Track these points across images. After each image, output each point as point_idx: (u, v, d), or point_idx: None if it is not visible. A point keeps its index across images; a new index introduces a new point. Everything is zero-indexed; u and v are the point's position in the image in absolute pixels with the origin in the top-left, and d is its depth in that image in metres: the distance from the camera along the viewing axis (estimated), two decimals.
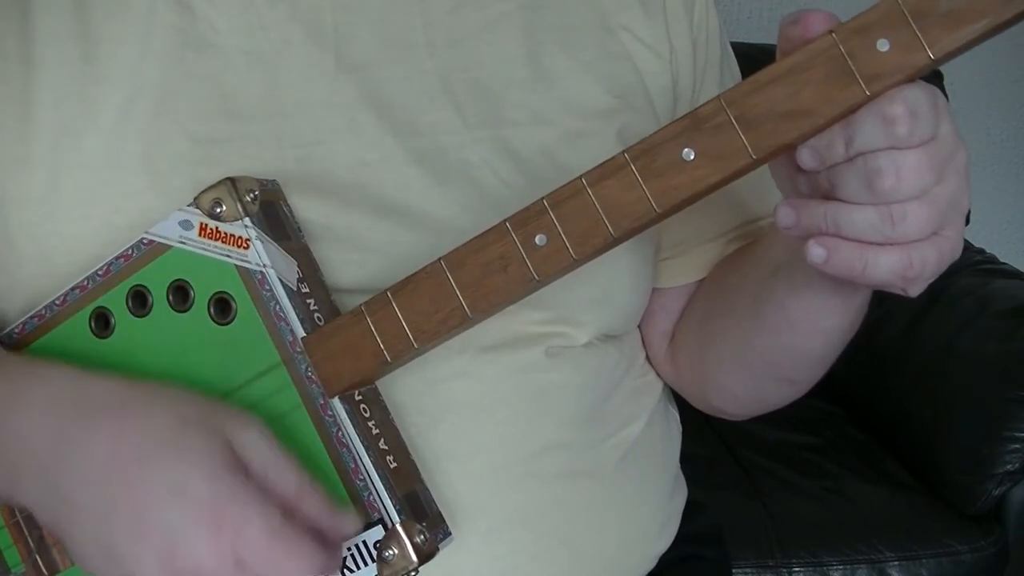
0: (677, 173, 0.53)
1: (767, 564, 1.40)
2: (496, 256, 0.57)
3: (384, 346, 0.59)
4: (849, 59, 0.50)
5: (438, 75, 0.69)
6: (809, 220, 0.55)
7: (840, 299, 0.64)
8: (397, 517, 0.59)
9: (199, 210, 0.61)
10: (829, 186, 0.54)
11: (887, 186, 0.51)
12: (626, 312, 0.75)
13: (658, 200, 0.54)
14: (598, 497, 0.72)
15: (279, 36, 0.67)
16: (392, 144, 0.67)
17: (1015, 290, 1.61)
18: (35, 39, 0.65)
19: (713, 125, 0.53)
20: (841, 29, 0.50)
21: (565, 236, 0.55)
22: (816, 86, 0.51)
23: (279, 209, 0.63)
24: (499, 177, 0.68)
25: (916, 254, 0.53)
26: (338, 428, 0.60)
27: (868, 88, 0.50)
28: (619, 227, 0.55)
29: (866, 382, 1.57)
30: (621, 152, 0.55)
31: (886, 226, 0.52)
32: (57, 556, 0.65)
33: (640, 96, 0.74)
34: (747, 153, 0.52)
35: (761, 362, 0.74)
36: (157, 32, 0.66)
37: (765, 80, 0.52)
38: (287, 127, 0.66)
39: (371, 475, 0.59)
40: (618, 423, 0.74)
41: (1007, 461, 1.45)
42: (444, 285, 0.58)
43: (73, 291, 0.64)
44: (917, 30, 0.49)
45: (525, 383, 0.69)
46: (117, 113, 0.65)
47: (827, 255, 0.54)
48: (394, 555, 0.59)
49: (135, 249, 0.63)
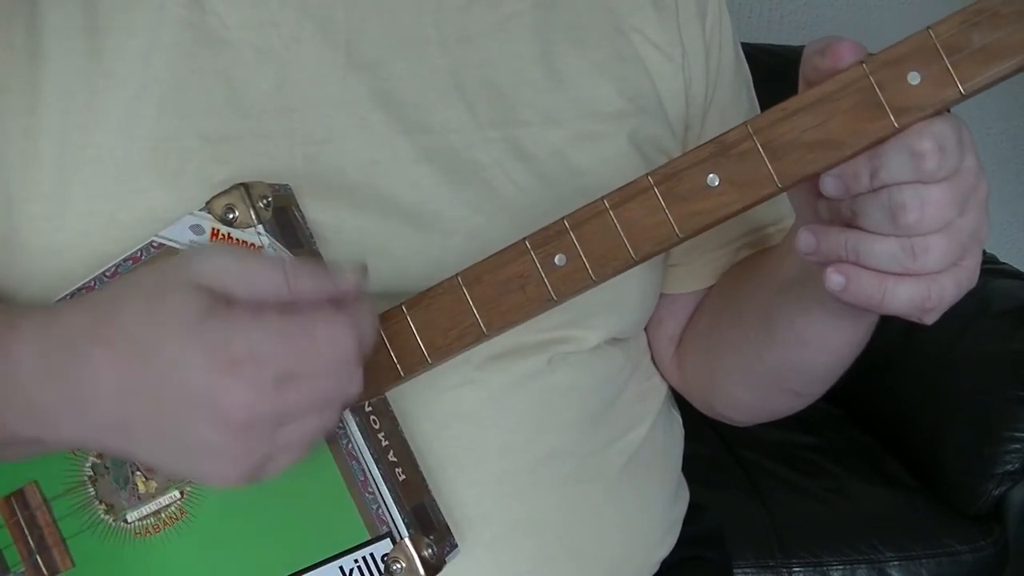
0: (701, 199, 0.53)
1: (767, 564, 1.40)
2: (515, 275, 0.56)
3: (398, 361, 0.59)
4: (879, 90, 0.50)
5: (449, 73, 0.68)
6: (829, 247, 0.55)
7: (850, 320, 0.65)
8: (406, 531, 0.59)
9: (211, 215, 0.60)
10: (851, 214, 0.54)
11: (911, 220, 0.51)
12: (634, 316, 0.75)
13: (681, 225, 0.54)
14: (602, 503, 0.72)
15: (289, 32, 0.66)
16: (402, 143, 0.66)
17: (1015, 290, 1.62)
18: (43, 32, 0.65)
19: (739, 152, 0.52)
20: (872, 60, 0.50)
21: (585, 257, 0.55)
22: (844, 116, 0.50)
23: (291, 216, 0.63)
24: (510, 177, 0.68)
25: (935, 286, 0.53)
26: (348, 440, 0.59)
27: (898, 121, 0.50)
28: (640, 250, 0.55)
29: (867, 382, 1.57)
30: (645, 175, 0.54)
31: (907, 258, 0.52)
32: (57, 556, 0.65)
33: (651, 99, 0.73)
34: (773, 182, 0.52)
35: (769, 375, 0.74)
36: (166, 27, 0.65)
37: (793, 108, 0.51)
38: (297, 125, 0.65)
39: (380, 488, 0.59)
40: (623, 427, 0.74)
41: (1007, 461, 1.45)
42: (460, 302, 0.57)
43: (80, 291, 0.63)
44: (950, 65, 0.48)
45: (531, 390, 0.68)
46: (125, 108, 0.64)
47: (846, 283, 0.54)
48: (402, 568, 0.59)
49: (144, 251, 0.62)
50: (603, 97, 0.71)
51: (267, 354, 0.51)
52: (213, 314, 0.51)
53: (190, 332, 0.51)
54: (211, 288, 0.52)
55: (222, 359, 0.51)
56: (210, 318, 0.51)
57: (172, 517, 0.63)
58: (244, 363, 0.51)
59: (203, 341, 0.51)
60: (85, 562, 0.65)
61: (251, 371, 0.51)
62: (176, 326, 0.51)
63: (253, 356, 0.51)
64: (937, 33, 0.49)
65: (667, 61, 0.74)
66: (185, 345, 0.51)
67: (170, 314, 0.52)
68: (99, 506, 0.64)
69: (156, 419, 0.53)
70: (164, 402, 0.52)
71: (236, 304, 0.52)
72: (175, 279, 0.53)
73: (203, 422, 0.51)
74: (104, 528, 0.64)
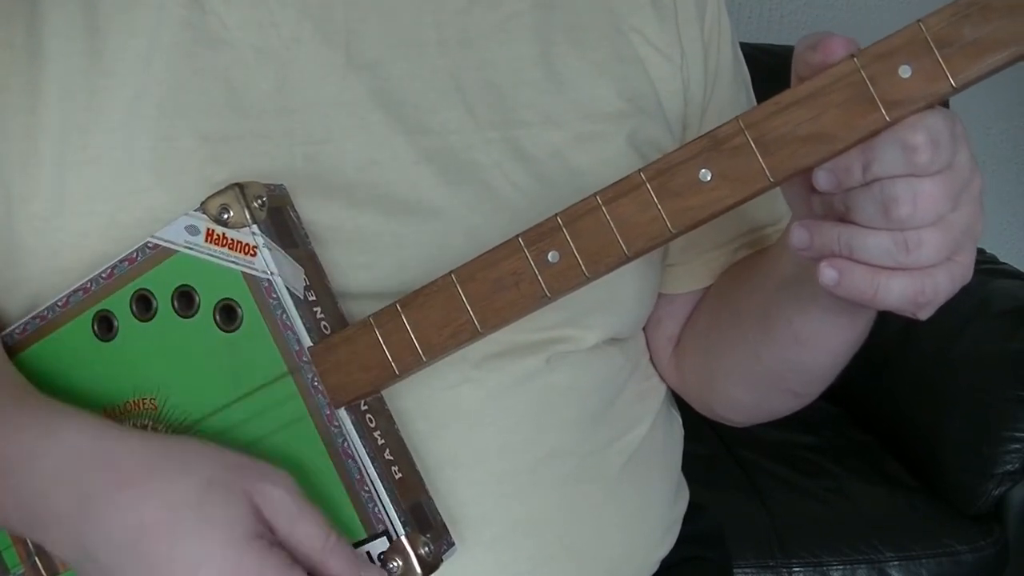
0: (694, 194, 0.53)
1: (767, 564, 1.40)
2: (508, 272, 0.56)
3: (392, 359, 0.58)
4: (870, 84, 0.49)
5: (449, 74, 0.68)
6: (822, 242, 0.55)
7: (847, 317, 0.64)
8: (402, 529, 0.59)
9: (206, 215, 0.60)
10: (844, 208, 0.54)
11: (903, 214, 0.51)
12: (632, 316, 0.75)
13: (673, 220, 0.54)
14: (602, 503, 0.72)
15: (289, 33, 0.66)
16: (402, 143, 0.66)
17: (1015, 290, 1.62)
18: (43, 32, 0.65)
19: (731, 147, 0.52)
20: (863, 54, 0.50)
21: (578, 254, 0.55)
22: (836, 111, 0.50)
23: (287, 215, 0.63)
24: (509, 178, 0.68)
25: (929, 280, 0.53)
26: (344, 439, 0.59)
27: (889, 114, 0.49)
28: (633, 246, 0.55)
29: (866, 382, 1.57)
30: (637, 171, 0.54)
31: (900, 252, 0.52)
32: (56, 558, 0.65)
33: (651, 100, 0.73)
34: (765, 176, 0.52)
35: (767, 374, 0.74)
36: (166, 27, 0.65)
37: (785, 103, 0.51)
38: (296, 125, 0.65)
39: (376, 487, 0.59)
40: (622, 427, 0.74)
41: (1007, 461, 1.45)
42: (454, 299, 0.57)
43: (76, 293, 0.64)
44: (941, 59, 0.48)
45: (529, 389, 0.68)
46: (125, 109, 0.64)
47: (839, 278, 0.54)
48: (398, 567, 0.59)
49: (140, 252, 0.62)
50: (603, 98, 0.71)
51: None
52: (255, 539, 0.54)
53: (228, 542, 0.53)
54: (261, 511, 0.55)
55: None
56: (251, 542, 0.54)
57: None
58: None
59: (236, 558, 0.53)
60: None
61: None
62: (220, 527, 0.54)
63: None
64: (928, 26, 0.49)
65: (666, 62, 0.74)
66: (216, 550, 0.53)
67: (218, 514, 0.54)
68: None
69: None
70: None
71: (276, 543, 0.55)
72: (238, 481, 0.55)
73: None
74: None
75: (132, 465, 0.56)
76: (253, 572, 0.53)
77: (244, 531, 0.54)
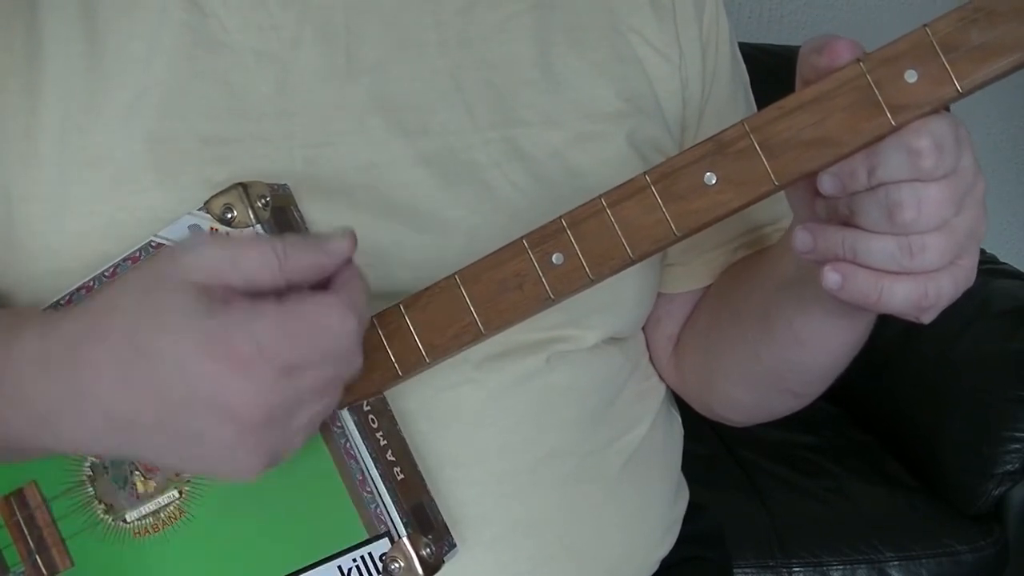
0: (698, 197, 0.53)
1: (767, 564, 1.40)
2: (512, 273, 0.56)
3: (396, 360, 0.58)
4: (876, 89, 0.49)
5: (449, 75, 0.68)
6: (826, 245, 0.55)
7: (848, 319, 0.65)
8: (404, 531, 0.59)
9: (209, 215, 0.60)
10: (848, 212, 0.54)
11: (908, 218, 0.51)
12: (632, 315, 0.75)
13: (678, 223, 0.54)
14: (602, 503, 0.72)
15: (289, 36, 0.66)
16: (401, 145, 0.66)
17: (1015, 290, 1.62)
18: (42, 34, 0.65)
19: (736, 150, 0.52)
20: (869, 58, 0.50)
21: (582, 256, 0.55)
22: (842, 115, 0.50)
23: (290, 215, 0.62)
24: (508, 178, 0.68)
25: (932, 284, 0.53)
26: (346, 439, 0.59)
27: (894, 119, 0.49)
28: (638, 249, 0.55)
29: (866, 382, 1.57)
30: (642, 174, 0.54)
31: (904, 257, 0.52)
32: (56, 556, 0.65)
33: (649, 100, 0.73)
34: (770, 180, 0.52)
35: (767, 374, 0.74)
36: (167, 29, 0.65)
37: (790, 107, 0.51)
38: (296, 127, 0.65)
39: (378, 487, 0.59)
40: (622, 427, 0.74)
41: (1007, 461, 1.45)
42: (458, 300, 0.57)
43: (79, 291, 0.63)
44: (947, 63, 0.48)
45: (530, 389, 0.68)
46: (125, 110, 0.64)
47: (842, 282, 0.54)
48: (400, 568, 0.59)
49: (143, 251, 0.62)
50: (602, 98, 0.71)
51: (271, 349, 0.50)
52: (211, 313, 0.50)
53: (190, 333, 0.50)
54: (205, 283, 0.51)
55: (227, 359, 0.50)
56: (208, 317, 0.50)
57: (171, 517, 0.63)
58: (249, 361, 0.50)
59: (204, 342, 0.50)
60: (84, 562, 0.65)
61: (258, 368, 0.50)
62: (174, 327, 0.51)
63: (257, 353, 0.50)
64: (934, 31, 0.49)
65: (665, 62, 0.74)
66: (187, 347, 0.50)
67: (167, 315, 0.51)
68: (98, 506, 0.64)
69: (162, 419, 0.52)
70: (170, 403, 0.51)
71: (232, 297, 0.51)
72: (167, 277, 0.52)
73: (217, 423, 0.51)
74: (103, 528, 0.64)
75: (80, 331, 0.54)
76: (224, 336, 0.50)
77: (192, 310, 0.50)
